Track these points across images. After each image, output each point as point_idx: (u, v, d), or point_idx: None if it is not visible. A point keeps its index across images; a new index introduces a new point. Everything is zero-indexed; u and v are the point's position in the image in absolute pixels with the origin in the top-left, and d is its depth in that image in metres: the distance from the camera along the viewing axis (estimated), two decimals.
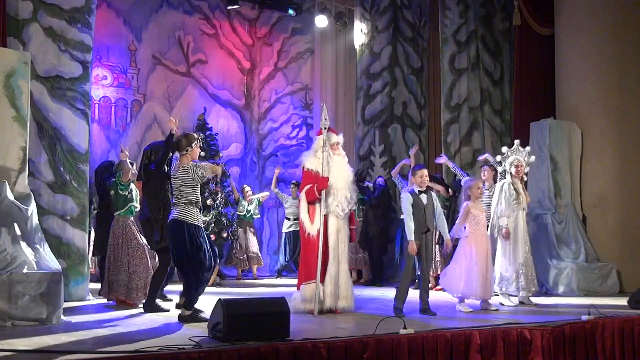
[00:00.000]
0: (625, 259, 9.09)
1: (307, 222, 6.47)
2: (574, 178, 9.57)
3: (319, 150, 6.61)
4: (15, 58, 6.33)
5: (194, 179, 5.81)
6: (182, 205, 5.77)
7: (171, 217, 5.84)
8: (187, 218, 5.75)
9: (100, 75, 10.93)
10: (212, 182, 9.63)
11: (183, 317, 5.74)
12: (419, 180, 6.46)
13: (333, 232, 6.47)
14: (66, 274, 6.46)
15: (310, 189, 6.50)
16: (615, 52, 9.43)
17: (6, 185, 5.96)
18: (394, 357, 4.71)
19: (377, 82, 11.86)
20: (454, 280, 6.69)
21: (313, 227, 6.43)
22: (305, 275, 6.47)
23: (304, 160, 6.75)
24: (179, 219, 5.74)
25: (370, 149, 11.75)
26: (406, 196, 6.41)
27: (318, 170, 6.54)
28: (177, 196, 5.83)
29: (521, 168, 7.58)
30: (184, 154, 5.90)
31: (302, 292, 6.40)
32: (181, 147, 5.92)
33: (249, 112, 12.60)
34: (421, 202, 6.41)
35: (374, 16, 12.03)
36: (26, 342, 4.57)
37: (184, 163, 5.88)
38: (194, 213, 5.82)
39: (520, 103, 10.70)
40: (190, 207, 5.80)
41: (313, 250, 6.39)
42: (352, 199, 6.64)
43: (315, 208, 6.50)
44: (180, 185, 5.81)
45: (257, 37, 12.77)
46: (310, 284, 6.34)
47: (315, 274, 6.31)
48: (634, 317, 6.05)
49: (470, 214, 6.83)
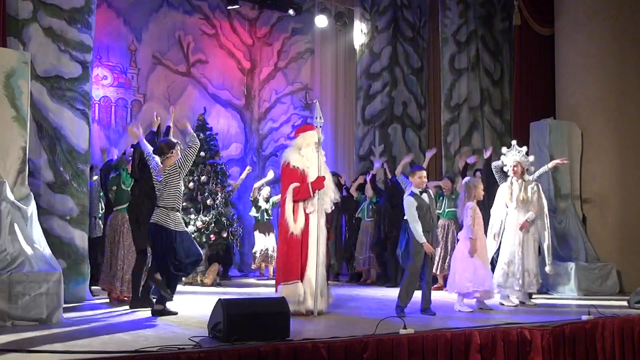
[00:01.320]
0: (625, 259, 9.09)
1: (291, 221, 6.24)
2: (574, 178, 9.57)
3: (304, 148, 6.44)
4: (15, 58, 6.32)
5: (180, 175, 6.03)
6: (162, 209, 6.00)
7: (152, 218, 6.06)
8: (166, 223, 5.97)
9: (100, 75, 10.94)
10: (212, 183, 9.63)
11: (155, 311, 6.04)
12: (419, 181, 6.46)
13: (314, 232, 6.30)
14: (66, 274, 6.44)
15: (301, 187, 6.28)
16: (615, 52, 9.43)
17: (6, 185, 5.95)
18: (394, 357, 4.71)
19: (377, 82, 11.87)
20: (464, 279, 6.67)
21: (296, 227, 6.23)
22: (284, 275, 6.22)
23: (288, 157, 6.47)
24: (157, 222, 5.98)
25: (370, 149, 11.75)
26: (410, 200, 6.38)
27: (303, 168, 6.36)
28: (159, 199, 6.06)
29: (518, 167, 7.59)
30: (166, 157, 6.12)
31: (280, 293, 5.99)
32: (163, 152, 6.16)
33: (249, 112, 12.61)
34: (424, 202, 6.40)
35: (374, 16, 12.04)
36: (26, 342, 4.57)
37: (167, 165, 6.07)
38: (174, 218, 6.01)
39: (520, 103, 10.70)
40: (172, 212, 6.01)
41: (295, 249, 6.21)
42: (335, 199, 6.57)
43: (298, 207, 6.29)
44: (162, 188, 6.03)
45: (257, 37, 12.78)
46: (290, 284, 6.12)
47: (296, 274, 6.15)
48: (634, 317, 6.05)
49: (477, 215, 6.83)
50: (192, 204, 9.63)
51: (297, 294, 6.08)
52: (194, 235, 9.51)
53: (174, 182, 6.03)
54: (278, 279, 6.39)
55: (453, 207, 8.84)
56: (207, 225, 9.48)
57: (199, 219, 9.49)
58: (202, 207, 9.61)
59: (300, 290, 6.11)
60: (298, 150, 6.49)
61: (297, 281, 6.14)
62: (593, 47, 9.53)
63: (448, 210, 9.01)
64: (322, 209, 6.41)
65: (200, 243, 9.58)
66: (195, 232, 9.46)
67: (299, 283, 6.13)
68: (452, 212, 8.86)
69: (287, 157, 6.48)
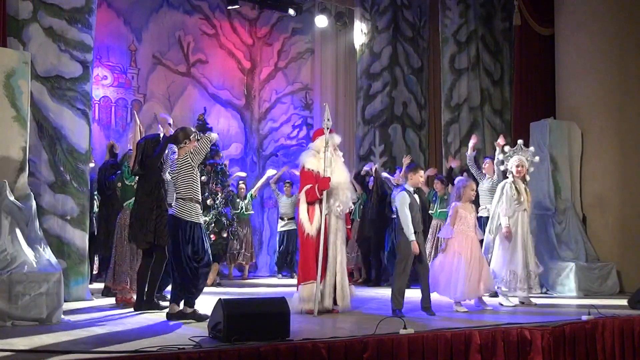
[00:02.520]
0: (625, 259, 9.08)
1: (306, 222, 6.42)
2: (574, 178, 9.57)
3: (320, 151, 6.55)
4: (15, 58, 6.33)
5: (193, 162, 5.86)
6: (180, 202, 5.86)
7: (170, 211, 5.96)
8: (183, 215, 5.81)
9: (100, 75, 10.94)
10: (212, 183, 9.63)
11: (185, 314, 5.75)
12: (417, 180, 6.45)
13: (332, 232, 6.46)
14: (66, 274, 6.46)
15: (311, 189, 6.44)
16: (615, 52, 9.42)
17: (6, 185, 5.95)
18: (394, 357, 4.71)
19: (377, 82, 11.86)
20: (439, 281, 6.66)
21: (312, 228, 6.38)
22: (303, 275, 6.44)
23: (304, 160, 6.67)
24: (175, 215, 5.84)
25: (370, 149, 11.75)
26: (403, 195, 6.36)
27: (319, 170, 6.50)
28: (177, 191, 5.91)
29: (523, 168, 7.57)
30: (181, 147, 5.98)
31: (300, 293, 6.38)
32: (178, 140, 6.00)
33: (249, 112, 12.61)
34: (415, 202, 6.39)
35: (374, 16, 12.04)
36: (26, 342, 4.57)
37: (181, 155, 5.95)
38: (192, 209, 5.85)
39: (520, 103, 10.70)
40: (189, 203, 5.85)
41: (312, 250, 6.37)
42: (351, 198, 6.66)
43: (314, 208, 6.46)
44: (178, 179, 5.89)
45: (257, 37, 12.78)
46: (309, 284, 6.32)
47: (313, 274, 6.29)
48: (634, 317, 6.05)
49: (458, 215, 6.82)
50: None
51: (314, 294, 6.22)
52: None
53: (187, 172, 5.86)
54: (299, 279, 6.55)
55: (445, 208, 8.86)
56: (207, 225, 9.47)
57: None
58: (202, 207, 9.60)
59: (318, 290, 6.22)
60: (315, 152, 6.63)
61: (314, 281, 6.27)
62: (593, 47, 9.53)
63: (440, 211, 9.13)
64: (338, 210, 6.47)
65: None
66: None
67: (315, 283, 6.26)
68: (444, 213, 8.88)
69: (303, 160, 6.67)
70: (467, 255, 6.69)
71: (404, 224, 6.28)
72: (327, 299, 6.35)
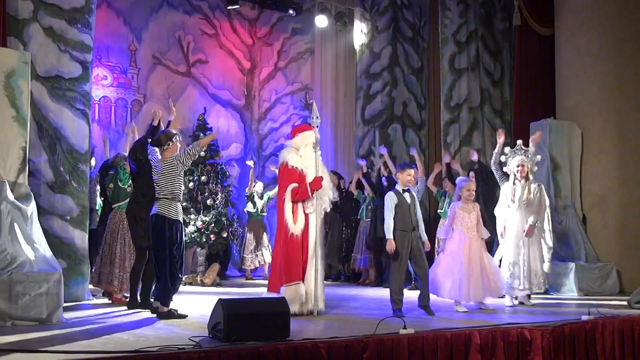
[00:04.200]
0: (625, 259, 9.09)
1: (290, 221, 6.19)
2: (574, 178, 9.57)
3: (302, 148, 6.37)
4: (15, 58, 6.32)
5: (179, 168, 5.93)
6: (163, 200, 5.91)
7: (152, 211, 5.97)
8: (171, 214, 5.89)
9: (100, 75, 10.94)
10: (212, 183, 9.63)
11: (161, 314, 5.87)
12: (406, 179, 6.43)
13: (314, 232, 6.27)
14: (66, 274, 6.44)
15: (300, 188, 6.22)
16: (615, 52, 9.43)
17: (6, 185, 5.95)
18: (394, 357, 4.71)
19: (377, 82, 11.86)
20: (437, 282, 6.66)
21: (296, 227, 6.18)
22: (286, 276, 6.13)
23: (287, 157, 6.37)
24: (159, 213, 5.89)
25: (370, 149, 11.74)
26: (390, 195, 6.36)
27: (302, 168, 6.31)
28: (158, 191, 5.97)
29: (524, 168, 7.56)
30: (165, 149, 6.07)
31: (284, 295, 5.87)
32: (161, 143, 6.11)
33: (249, 112, 12.61)
34: (405, 201, 6.36)
35: (374, 16, 12.03)
36: (26, 342, 4.57)
37: (166, 157, 6.02)
38: (175, 208, 5.94)
39: (520, 103, 10.70)
40: (173, 202, 5.93)
41: (295, 250, 6.16)
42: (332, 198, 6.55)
43: (297, 207, 6.25)
44: (162, 179, 5.94)
45: (257, 37, 12.78)
46: (292, 285, 6.07)
47: (297, 275, 6.11)
48: (634, 317, 6.05)
49: (456, 215, 6.80)
50: (192, 204, 9.64)
51: (299, 295, 6.06)
52: (194, 235, 9.53)
53: (173, 174, 5.93)
54: (275, 280, 6.29)
55: None
56: (207, 225, 9.48)
57: (199, 219, 9.49)
58: (202, 207, 9.61)
59: (302, 291, 6.09)
60: (296, 150, 6.42)
61: (299, 282, 6.11)
62: (593, 47, 9.53)
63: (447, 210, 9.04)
64: (321, 209, 6.39)
65: (200, 243, 9.60)
66: (195, 232, 9.47)
67: (300, 284, 6.11)
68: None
69: (285, 157, 6.40)
70: (465, 255, 6.68)
71: (385, 222, 6.29)
72: (309, 300, 6.14)
